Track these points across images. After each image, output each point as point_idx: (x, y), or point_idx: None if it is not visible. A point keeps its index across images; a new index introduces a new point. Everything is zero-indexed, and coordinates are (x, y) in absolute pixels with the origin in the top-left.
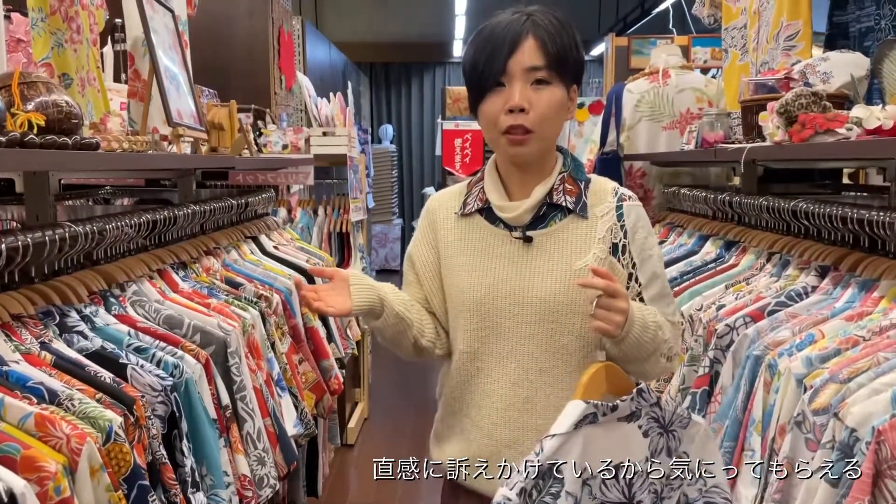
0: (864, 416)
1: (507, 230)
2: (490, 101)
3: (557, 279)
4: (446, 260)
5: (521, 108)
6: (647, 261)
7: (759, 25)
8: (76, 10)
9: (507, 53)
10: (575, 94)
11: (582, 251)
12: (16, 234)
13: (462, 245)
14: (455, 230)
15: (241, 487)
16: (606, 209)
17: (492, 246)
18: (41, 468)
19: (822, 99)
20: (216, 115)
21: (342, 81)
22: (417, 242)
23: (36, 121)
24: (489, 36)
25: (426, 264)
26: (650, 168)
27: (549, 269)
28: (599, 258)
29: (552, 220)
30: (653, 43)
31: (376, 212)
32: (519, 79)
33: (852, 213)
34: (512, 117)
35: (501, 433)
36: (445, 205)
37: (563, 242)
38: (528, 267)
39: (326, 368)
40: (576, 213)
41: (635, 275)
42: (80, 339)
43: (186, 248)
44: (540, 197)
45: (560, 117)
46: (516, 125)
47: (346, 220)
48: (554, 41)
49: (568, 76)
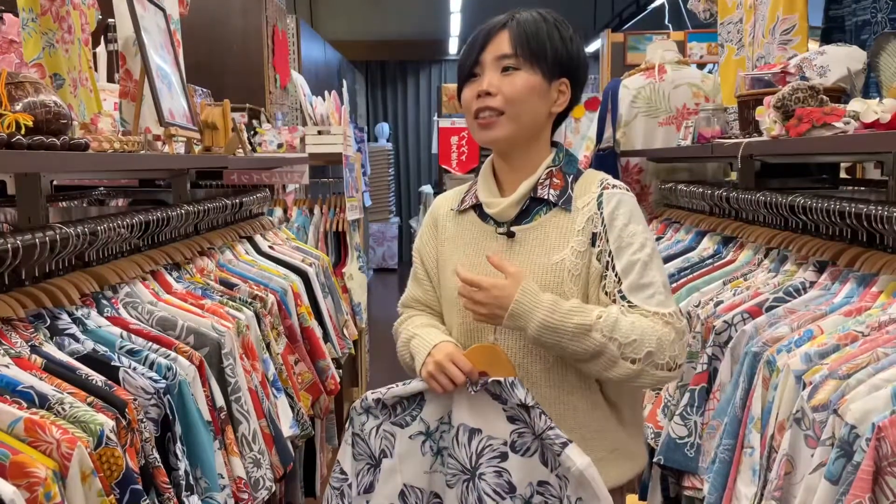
0: (863, 413)
1: (496, 226)
2: (465, 90)
3: (535, 274)
4: (441, 256)
5: (486, 92)
6: (626, 248)
7: (755, 20)
8: (67, 9)
9: (481, 46)
10: (566, 87)
11: (561, 245)
12: (6, 237)
13: (456, 241)
14: (451, 227)
15: (237, 490)
16: (588, 200)
17: (481, 242)
18: (31, 474)
19: (818, 93)
20: (210, 115)
21: (337, 80)
22: (423, 240)
23: (24, 121)
24: (473, 35)
25: (432, 260)
26: (647, 164)
27: (529, 263)
28: (578, 251)
29: (537, 214)
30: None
31: (373, 210)
32: (489, 68)
33: (850, 208)
34: (480, 101)
35: None
36: (447, 202)
37: (543, 237)
38: (511, 262)
39: (323, 368)
40: (559, 207)
41: (611, 263)
42: (71, 342)
43: (180, 248)
44: (524, 191)
45: (534, 104)
46: (483, 107)
47: (342, 219)
48: (526, 31)
49: (547, 66)
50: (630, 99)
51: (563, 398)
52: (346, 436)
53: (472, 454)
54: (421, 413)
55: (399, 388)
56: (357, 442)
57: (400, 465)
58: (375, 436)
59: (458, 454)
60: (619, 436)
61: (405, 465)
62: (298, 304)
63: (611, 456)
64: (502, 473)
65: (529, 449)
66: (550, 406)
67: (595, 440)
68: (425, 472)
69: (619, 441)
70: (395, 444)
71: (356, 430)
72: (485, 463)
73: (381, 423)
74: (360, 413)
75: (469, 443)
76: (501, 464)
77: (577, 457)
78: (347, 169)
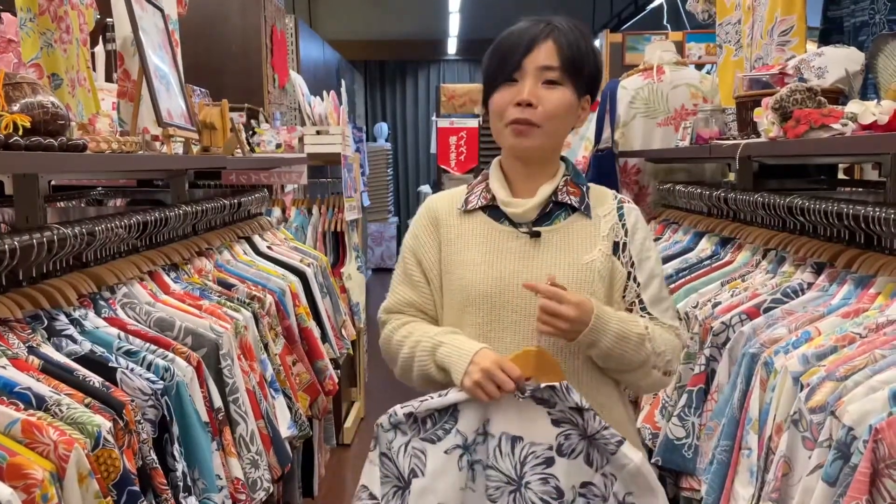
0: (861, 415)
1: (513, 226)
2: (500, 93)
3: (565, 273)
4: (448, 256)
5: (528, 103)
6: (646, 261)
7: (754, 21)
8: (65, 9)
9: (524, 52)
10: (587, 104)
11: (587, 247)
12: (4, 237)
13: (465, 241)
14: (457, 227)
15: (235, 491)
16: (608, 209)
17: (497, 241)
18: (28, 475)
19: (816, 94)
20: (208, 115)
21: (336, 80)
22: (421, 241)
23: (21, 122)
24: (508, 36)
25: (433, 262)
26: (645, 165)
27: (557, 263)
28: (605, 254)
29: (557, 217)
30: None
31: (372, 210)
32: (531, 76)
33: (848, 209)
34: (519, 110)
35: None
36: (446, 203)
37: (569, 239)
38: (535, 262)
39: (321, 369)
40: (580, 212)
41: (634, 274)
42: (68, 343)
43: (178, 249)
44: (546, 195)
45: (567, 120)
46: (522, 118)
47: (340, 220)
48: (571, 46)
49: (581, 83)
50: (628, 100)
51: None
52: (371, 456)
53: (516, 463)
54: (456, 425)
55: (436, 401)
56: (384, 462)
57: (433, 484)
58: (404, 454)
59: (500, 465)
60: (629, 431)
61: (439, 482)
62: (297, 304)
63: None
64: (549, 480)
65: (575, 451)
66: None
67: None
68: (461, 489)
69: (630, 437)
70: (426, 462)
71: (383, 449)
72: (529, 471)
73: (410, 439)
74: (387, 430)
75: (512, 452)
76: (547, 469)
77: (633, 453)
78: (346, 169)
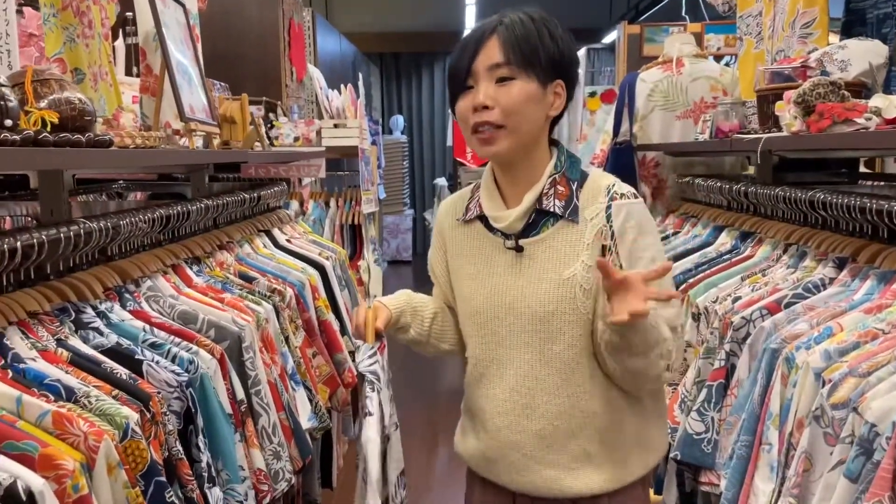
0: (884, 411)
1: (503, 238)
2: (461, 102)
3: (546, 288)
4: (452, 267)
5: (483, 106)
6: (637, 262)
7: (775, 13)
8: (87, 4)
9: (472, 56)
10: (562, 89)
11: (571, 258)
12: (31, 232)
13: (464, 252)
14: (458, 237)
15: (257, 482)
16: (596, 211)
17: (490, 254)
18: (59, 466)
19: (840, 88)
20: (228, 109)
21: (353, 72)
22: (434, 248)
23: (49, 118)
24: (459, 44)
25: (442, 270)
26: (664, 158)
27: (539, 277)
28: (587, 265)
29: (544, 226)
30: (665, 30)
31: (388, 203)
32: (483, 78)
33: (871, 204)
34: (478, 115)
35: (505, 436)
36: (450, 211)
37: (552, 250)
38: (520, 276)
39: (340, 361)
40: (565, 219)
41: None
42: (95, 336)
43: (200, 242)
44: (529, 204)
45: (534, 112)
46: (481, 122)
47: (357, 212)
48: (518, 38)
49: (541, 71)
50: (647, 92)
51: (581, 405)
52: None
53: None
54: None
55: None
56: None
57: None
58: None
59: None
60: (640, 427)
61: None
62: (316, 297)
63: (636, 448)
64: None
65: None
66: (569, 418)
67: (617, 439)
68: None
69: (642, 432)
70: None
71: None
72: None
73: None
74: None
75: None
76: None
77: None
78: (363, 162)
